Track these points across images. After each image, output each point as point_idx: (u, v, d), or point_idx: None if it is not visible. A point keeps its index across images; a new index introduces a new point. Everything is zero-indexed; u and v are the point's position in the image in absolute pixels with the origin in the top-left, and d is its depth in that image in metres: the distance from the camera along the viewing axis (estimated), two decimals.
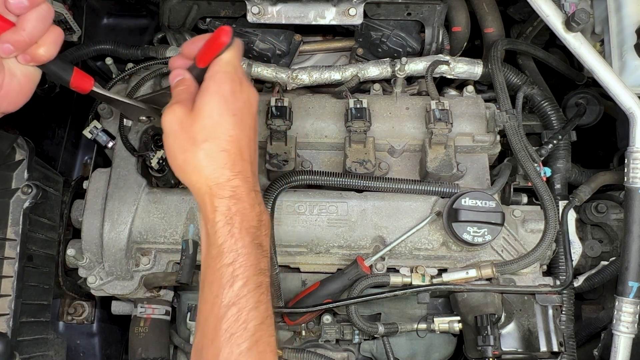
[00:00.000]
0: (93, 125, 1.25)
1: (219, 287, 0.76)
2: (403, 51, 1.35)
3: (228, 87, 0.80)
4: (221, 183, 0.78)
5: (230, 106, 0.80)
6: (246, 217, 0.78)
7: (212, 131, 0.78)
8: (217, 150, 0.78)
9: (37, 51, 0.77)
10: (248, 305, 0.75)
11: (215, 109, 0.79)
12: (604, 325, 1.29)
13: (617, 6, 1.13)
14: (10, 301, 1.15)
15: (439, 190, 1.18)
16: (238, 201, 0.78)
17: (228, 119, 0.79)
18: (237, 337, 0.73)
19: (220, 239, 0.77)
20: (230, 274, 0.75)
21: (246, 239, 0.77)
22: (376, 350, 1.32)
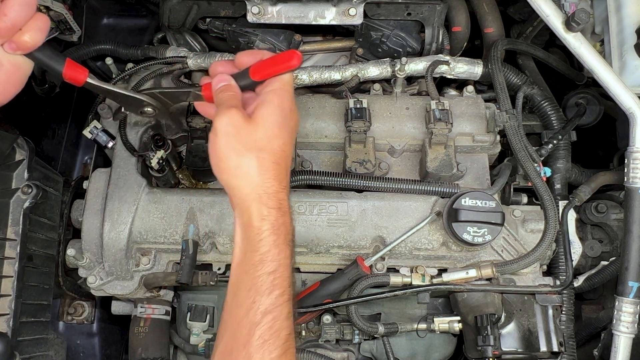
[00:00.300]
0: (93, 125, 1.25)
1: (257, 294, 0.76)
2: (403, 51, 1.35)
3: (288, 104, 0.84)
4: (270, 193, 0.80)
5: (288, 122, 0.84)
6: (289, 231, 0.81)
7: (269, 142, 0.81)
8: (271, 162, 0.81)
9: (22, 38, 0.76)
10: (282, 315, 0.76)
11: (276, 122, 0.82)
12: (604, 325, 1.29)
13: (617, 6, 1.13)
14: (11, 301, 1.15)
15: (439, 190, 1.18)
16: (284, 214, 0.81)
17: (284, 134, 0.82)
18: (270, 344, 0.74)
19: (264, 247, 0.78)
20: (271, 282, 0.77)
21: (287, 251, 0.80)
22: (376, 350, 1.32)
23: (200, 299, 1.29)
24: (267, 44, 1.33)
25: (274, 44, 1.34)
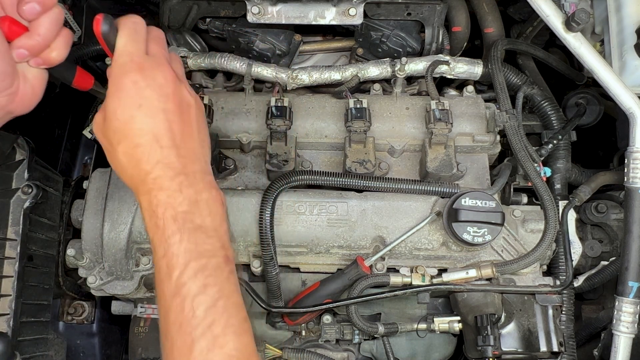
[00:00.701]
0: (89, 130, 1.25)
1: (160, 281, 0.74)
2: (403, 51, 1.35)
3: (125, 79, 0.76)
4: (142, 179, 0.76)
5: (132, 99, 0.76)
6: (170, 204, 0.75)
7: (121, 131, 0.76)
8: (131, 148, 0.76)
9: (50, 55, 0.78)
10: (191, 293, 0.72)
11: (117, 108, 0.76)
12: (604, 325, 1.29)
13: (617, 6, 1.13)
14: (11, 301, 1.15)
15: (439, 190, 1.18)
16: (159, 191, 0.75)
17: (133, 113, 0.75)
18: (186, 326, 0.71)
19: (150, 233, 0.76)
20: (166, 266, 0.74)
21: (173, 226, 0.74)
22: (376, 350, 1.32)
23: None
24: (267, 44, 1.33)
25: (274, 44, 1.34)
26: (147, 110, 0.76)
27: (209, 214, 0.78)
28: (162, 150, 0.76)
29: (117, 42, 0.78)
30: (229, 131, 1.26)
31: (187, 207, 0.76)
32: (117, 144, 0.76)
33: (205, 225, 0.76)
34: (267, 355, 1.21)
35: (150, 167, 0.75)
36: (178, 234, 0.74)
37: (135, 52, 0.78)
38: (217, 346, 0.70)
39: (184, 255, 0.73)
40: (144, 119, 0.76)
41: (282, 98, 1.20)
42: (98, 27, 0.77)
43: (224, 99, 1.29)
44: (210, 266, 0.74)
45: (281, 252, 1.19)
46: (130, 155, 0.76)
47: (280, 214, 1.17)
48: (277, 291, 1.17)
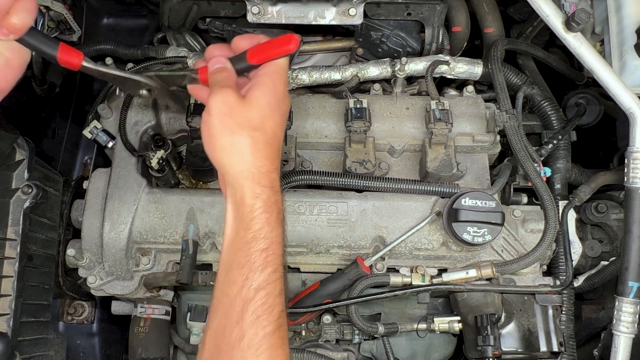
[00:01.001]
0: (93, 125, 1.25)
1: (250, 270, 0.77)
2: (403, 51, 1.35)
3: (281, 88, 0.85)
4: (263, 173, 0.80)
5: (281, 105, 0.84)
6: (280, 210, 0.82)
7: (262, 122, 0.81)
8: (263, 141, 0.81)
9: (11, 21, 0.75)
10: (275, 291, 0.77)
11: (269, 103, 0.82)
12: (604, 325, 1.29)
13: (617, 6, 1.13)
14: (11, 301, 1.15)
15: (439, 190, 1.18)
16: (276, 193, 0.81)
17: (277, 116, 0.83)
18: (263, 320, 0.75)
19: (257, 224, 0.79)
20: (264, 259, 0.77)
21: (279, 230, 0.81)
22: (376, 350, 1.32)
23: (200, 299, 1.29)
24: None
25: None
26: (281, 122, 0.85)
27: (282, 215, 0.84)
28: (278, 160, 0.85)
29: (286, 58, 0.87)
30: None
31: (282, 217, 0.83)
32: (251, 129, 0.80)
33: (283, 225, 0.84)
34: None
35: (273, 167, 0.82)
36: (280, 238, 0.81)
37: (286, 74, 0.89)
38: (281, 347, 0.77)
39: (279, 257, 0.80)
40: (278, 126, 0.84)
41: None
42: (295, 47, 0.86)
43: None
44: (285, 274, 0.81)
45: None
46: (258, 147, 0.81)
47: None
48: None
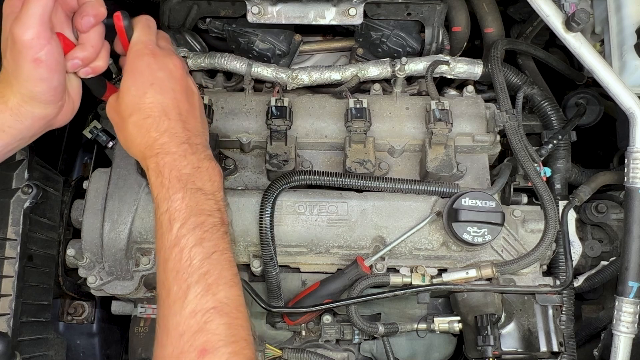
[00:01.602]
0: (93, 125, 1.25)
1: (161, 234, 0.81)
2: (403, 51, 1.35)
3: (140, 62, 0.87)
4: (150, 145, 0.85)
5: (146, 78, 0.86)
6: (176, 166, 0.84)
7: (134, 105, 0.86)
8: (142, 119, 0.85)
9: (98, 64, 0.90)
10: (189, 244, 0.79)
11: (132, 85, 0.86)
12: (604, 325, 1.29)
13: (617, 6, 1.13)
14: (11, 301, 1.15)
15: (439, 190, 1.18)
16: (166, 155, 0.84)
17: (146, 89, 0.86)
18: (182, 273, 0.78)
19: (155, 191, 0.84)
20: (168, 220, 0.81)
21: (177, 185, 0.83)
22: (376, 350, 1.32)
23: None
24: (267, 44, 1.33)
25: (274, 44, 1.34)
26: (158, 88, 0.86)
27: (208, 179, 0.86)
28: (170, 121, 0.86)
29: (134, 33, 0.90)
30: (229, 131, 1.26)
31: (189, 171, 0.84)
32: (129, 117, 0.86)
33: (204, 188, 0.85)
34: (267, 355, 1.21)
35: (158, 134, 0.85)
36: (181, 192, 0.82)
37: (149, 42, 0.90)
38: (210, 293, 0.77)
39: (185, 210, 0.81)
40: (155, 95, 0.86)
41: (282, 98, 1.21)
42: (120, 22, 0.88)
43: (224, 99, 1.29)
44: (207, 223, 0.82)
45: (281, 252, 1.19)
46: (140, 125, 0.85)
47: (280, 214, 1.17)
48: (277, 291, 1.17)
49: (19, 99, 0.84)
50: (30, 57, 0.79)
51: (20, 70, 0.81)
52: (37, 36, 0.78)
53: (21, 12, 0.79)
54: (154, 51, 0.89)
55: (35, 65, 0.80)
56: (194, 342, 0.73)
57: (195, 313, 0.75)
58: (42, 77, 0.82)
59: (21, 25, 0.78)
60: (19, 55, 0.80)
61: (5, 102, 0.84)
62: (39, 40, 0.79)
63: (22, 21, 0.78)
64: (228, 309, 0.77)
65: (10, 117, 0.84)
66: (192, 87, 0.94)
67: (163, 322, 0.77)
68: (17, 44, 0.79)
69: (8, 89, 0.83)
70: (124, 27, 0.88)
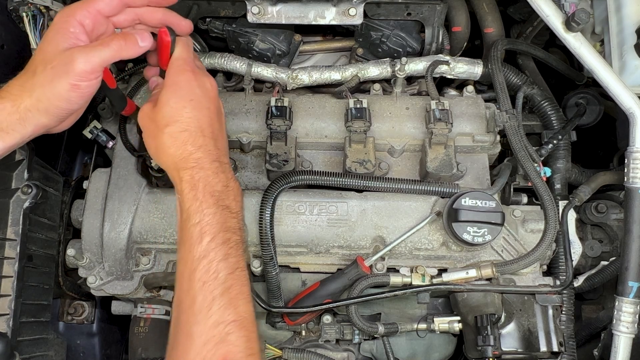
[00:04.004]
0: (93, 125, 1.25)
1: (190, 245, 0.85)
2: (403, 51, 1.35)
3: (181, 77, 0.92)
4: (185, 157, 0.88)
5: (186, 93, 0.91)
6: (209, 183, 0.88)
7: (172, 116, 0.89)
8: (178, 131, 0.89)
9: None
10: (217, 257, 0.83)
11: (171, 97, 0.90)
12: (604, 325, 1.29)
13: (617, 6, 1.13)
14: (10, 301, 1.15)
15: (439, 190, 1.18)
16: (201, 170, 0.88)
17: (185, 104, 0.90)
18: (209, 284, 0.82)
19: (187, 203, 0.87)
20: (199, 232, 0.85)
21: (210, 200, 0.87)
22: (376, 350, 1.32)
23: None
24: (267, 44, 1.33)
25: (274, 44, 1.34)
26: (197, 104, 0.91)
27: (234, 198, 0.91)
28: (204, 138, 0.90)
29: (176, 49, 0.94)
30: (229, 131, 1.26)
31: (220, 188, 0.89)
32: (165, 127, 0.89)
33: (231, 207, 0.90)
34: (267, 355, 1.21)
35: (194, 149, 0.89)
36: (213, 207, 0.86)
37: (189, 59, 0.95)
38: (232, 306, 0.81)
39: (216, 225, 0.86)
40: (193, 111, 0.90)
41: (282, 98, 1.20)
42: (167, 37, 0.92)
43: (224, 99, 1.28)
44: (232, 240, 0.87)
45: (281, 252, 1.19)
46: (176, 136, 0.89)
47: (280, 214, 1.17)
48: (277, 291, 1.17)
49: (31, 105, 0.86)
50: (72, 81, 0.85)
51: (53, 84, 0.85)
52: (91, 71, 0.85)
53: (91, 46, 0.87)
54: (194, 69, 0.94)
55: (71, 88, 0.85)
56: (216, 352, 0.78)
57: (218, 324, 0.79)
58: (69, 99, 0.87)
59: (85, 55, 0.85)
60: (63, 74, 0.84)
61: (17, 105, 0.86)
62: (89, 75, 0.85)
63: (89, 54, 0.85)
64: (246, 323, 0.82)
65: (16, 121, 0.87)
66: (222, 108, 0.99)
67: (185, 328, 0.81)
68: (69, 65, 0.84)
69: (24, 93, 0.86)
70: (169, 43, 0.93)
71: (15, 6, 1.22)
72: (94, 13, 0.90)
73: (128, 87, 1.29)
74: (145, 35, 0.92)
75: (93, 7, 0.90)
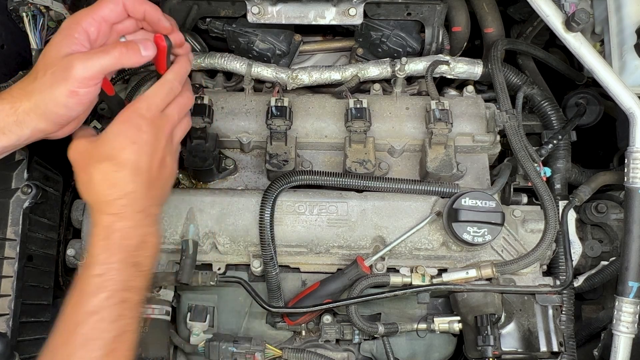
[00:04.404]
0: (93, 125, 1.25)
1: (85, 294, 0.81)
2: (403, 51, 1.35)
3: (134, 119, 0.87)
4: (109, 202, 0.84)
5: (132, 135, 0.86)
6: (126, 236, 0.84)
7: (109, 153, 0.85)
8: (111, 171, 0.85)
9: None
10: (109, 317, 0.80)
11: (116, 135, 0.86)
12: (604, 325, 1.29)
13: (617, 6, 1.13)
14: (10, 301, 1.15)
15: (439, 190, 1.18)
16: (121, 220, 0.84)
17: (126, 144, 0.85)
18: (92, 343, 0.78)
19: (96, 249, 0.83)
20: (97, 285, 0.81)
21: (120, 255, 0.83)
22: (376, 350, 1.32)
23: (200, 299, 1.29)
24: (267, 44, 1.33)
25: (274, 44, 1.34)
26: (138, 149, 0.86)
27: (148, 255, 0.87)
28: (136, 184, 0.86)
29: (152, 88, 0.91)
30: (229, 131, 1.26)
31: (136, 243, 0.85)
32: (98, 162, 0.85)
33: (142, 263, 0.86)
34: (267, 355, 1.21)
35: (122, 193, 0.84)
36: (121, 264, 0.83)
37: (154, 106, 0.90)
38: None
39: (117, 283, 0.82)
40: (132, 154, 0.85)
41: (282, 98, 1.20)
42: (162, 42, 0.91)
43: (224, 99, 1.29)
44: (131, 301, 0.84)
45: (281, 252, 1.19)
46: (107, 175, 0.84)
47: (280, 214, 1.17)
48: (277, 291, 1.17)
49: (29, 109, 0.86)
50: (70, 87, 0.83)
51: (52, 89, 0.84)
52: (90, 78, 0.84)
53: (91, 53, 0.86)
54: (152, 118, 0.89)
55: (69, 95, 0.84)
56: None
57: None
58: (67, 106, 0.85)
59: (84, 62, 0.83)
60: (62, 80, 0.83)
61: (15, 108, 0.86)
62: (88, 81, 0.84)
63: (88, 61, 0.84)
64: None
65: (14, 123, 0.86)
66: (169, 162, 0.93)
67: None
68: (68, 71, 0.83)
69: (24, 97, 0.86)
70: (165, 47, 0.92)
71: (15, 6, 1.22)
72: (99, 20, 0.89)
73: (128, 88, 1.29)
74: (149, 44, 0.89)
75: (98, 15, 0.89)
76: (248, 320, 1.29)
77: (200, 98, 1.18)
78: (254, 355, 1.19)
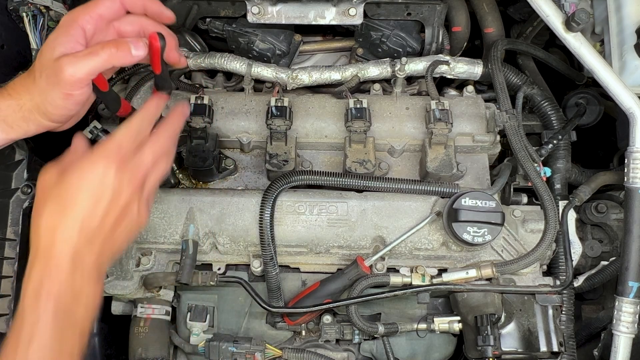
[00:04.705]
0: (93, 125, 1.24)
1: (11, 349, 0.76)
2: (403, 51, 1.35)
3: (101, 161, 0.83)
4: (49, 246, 0.79)
5: (94, 179, 0.82)
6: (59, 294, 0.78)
7: (64, 192, 0.81)
8: (60, 210, 0.80)
9: None
10: None
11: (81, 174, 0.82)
12: (604, 325, 1.29)
13: (617, 6, 1.13)
14: (10, 301, 1.15)
15: (439, 190, 1.18)
16: (56, 277, 0.78)
17: (84, 188, 0.81)
18: None
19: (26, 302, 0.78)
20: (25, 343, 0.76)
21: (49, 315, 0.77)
22: (376, 350, 1.32)
23: (200, 299, 1.29)
24: (267, 44, 1.33)
25: (274, 44, 1.34)
26: (95, 197, 0.81)
27: (83, 306, 0.81)
28: (82, 233, 0.80)
29: (122, 127, 0.87)
30: (229, 131, 1.26)
31: (69, 299, 0.79)
32: (54, 197, 0.81)
33: (76, 314, 0.80)
34: (267, 355, 1.21)
35: (64, 242, 0.79)
36: (51, 324, 0.77)
37: (125, 148, 0.85)
38: None
39: (47, 349, 0.76)
40: (88, 201, 0.81)
41: (282, 98, 1.20)
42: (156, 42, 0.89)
43: (224, 99, 1.29)
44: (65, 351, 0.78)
45: (281, 252, 1.19)
46: (58, 212, 0.80)
47: (280, 214, 1.17)
48: (277, 291, 1.17)
49: (33, 107, 0.88)
50: (64, 90, 0.85)
51: (48, 93, 0.86)
52: (80, 80, 0.84)
53: (79, 55, 0.84)
54: (121, 161, 0.84)
55: (64, 97, 0.86)
56: None
57: None
58: (65, 107, 0.88)
59: (73, 65, 0.83)
60: (55, 84, 0.85)
61: (21, 105, 0.88)
62: (80, 83, 0.85)
63: (77, 64, 0.83)
64: None
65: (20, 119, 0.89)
66: (135, 210, 0.88)
67: None
68: (59, 75, 0.83)
69: (27, 95, 0.88)
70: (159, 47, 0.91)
71: (15, 6, 1.22)
72: (96, 17, 0.90)
73: (128, 88, 1.29)
74: (140, 44, 0.88)
75: (95, 12, 0.90)
76: (248, 320, 1.29)
77: (200, 98, 1.19)
78: (254, 355, 1.19)
